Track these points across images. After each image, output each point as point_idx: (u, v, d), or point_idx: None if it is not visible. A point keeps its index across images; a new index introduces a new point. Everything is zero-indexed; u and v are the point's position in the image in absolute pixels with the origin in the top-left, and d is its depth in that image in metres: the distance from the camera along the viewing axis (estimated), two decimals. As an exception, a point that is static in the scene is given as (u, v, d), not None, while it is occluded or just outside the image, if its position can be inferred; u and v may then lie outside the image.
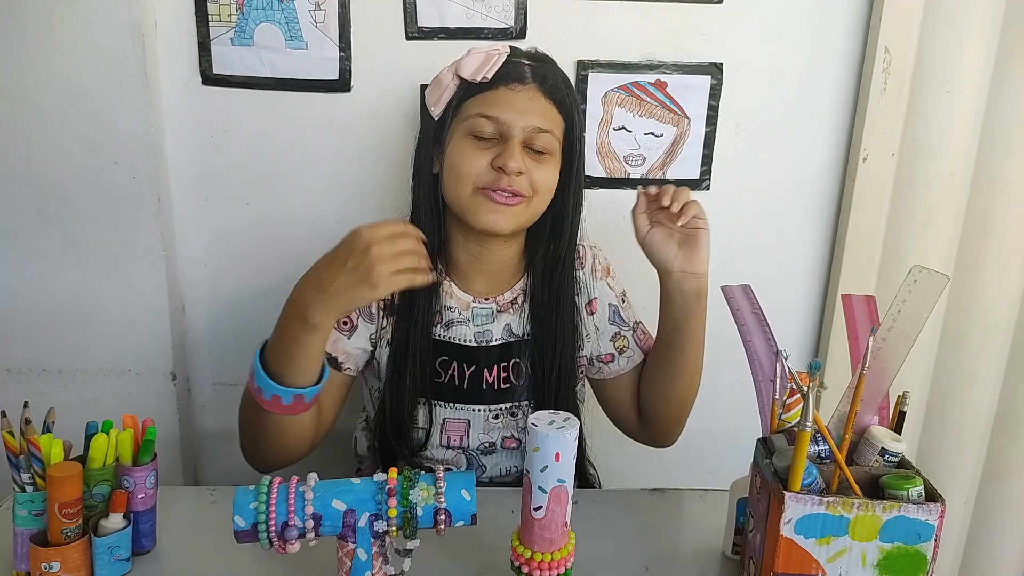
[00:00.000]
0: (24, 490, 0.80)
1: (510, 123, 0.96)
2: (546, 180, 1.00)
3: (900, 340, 0.77)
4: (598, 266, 1.13)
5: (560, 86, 1.01)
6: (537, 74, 0.99)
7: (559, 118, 1.01)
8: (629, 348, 1.13)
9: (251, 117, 1.27)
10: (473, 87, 0.98)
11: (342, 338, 1.03)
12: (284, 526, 0.71)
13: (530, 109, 0.97)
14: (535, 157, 0.99)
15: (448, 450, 1.08)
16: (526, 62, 1.00)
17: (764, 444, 0.80)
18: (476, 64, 0.98)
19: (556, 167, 1.02)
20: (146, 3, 1.19)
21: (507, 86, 0.97)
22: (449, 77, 1.00)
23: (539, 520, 0.73)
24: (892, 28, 1.25)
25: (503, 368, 1.07)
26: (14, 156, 1.21)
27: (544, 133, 0.98)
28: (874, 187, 1.32)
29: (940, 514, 0.71)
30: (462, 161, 0.98)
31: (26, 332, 1.29)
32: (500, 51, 0.99)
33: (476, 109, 0.98)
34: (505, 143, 0.97)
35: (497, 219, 0.98)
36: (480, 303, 1.08)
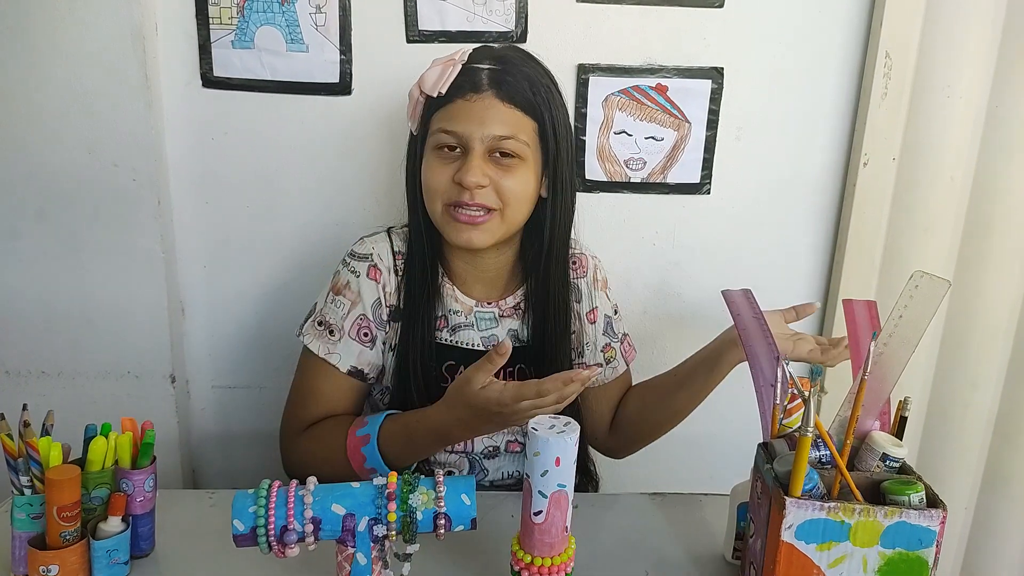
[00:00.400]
0: (23, 493, 0.80)
1: (468, 135, 0.94)
2: (516, 188, 0.97)
3: (901, 345, 0.77)
4: (599, 276, 1.14)
5: (522, 87, 0.96)
6: (494, 80, 0.96)
7: (526, 120, 0.97)
8: (616, 359, 1.15)
9: (251, 120, 1.27)
10: (435, 101, 0.97)
11: (365, 350, 1.03)
12: (283, 530, 0.71)
13: (487, 118, 0.94)
14: (503, 165, 0.96)
15: (451, 454, 1.08)
16: (484, 67, 0.96)
17: (765, 449, 0.80)
18: (433, 78, 0.96)
19: (529, 172, 0.98)
20: (147, 5, 1.19)
21: (463, 97, 0.95)
22: (416, 92, 0.99)
23: (539, 525, 0.73)
24: (893, 33, 1.25)
25: (508, 374, 1.07)
26: (15, 158, 1.21)
27: (507, 139, 0.95)
28: (875, 191, 1.32)
29: (941, 520, 0.71)
30: (429, 177, 0.98)
31: (25, 334, 1.29)
32: (455, 60, 0.96)
33: (438, 124, 0.97)
34: (466, 155, 0.96)
35: (471, 237, 0.98)
36: (482, 307, 1.08)
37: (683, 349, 1.39)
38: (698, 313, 1.39)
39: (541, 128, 0.98)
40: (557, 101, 1.01)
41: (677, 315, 1.41)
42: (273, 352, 1.35)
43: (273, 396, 1.38)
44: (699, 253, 1.38)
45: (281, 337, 1.20)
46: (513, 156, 0.96)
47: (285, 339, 1.17)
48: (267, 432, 1.42)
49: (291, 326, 1.13)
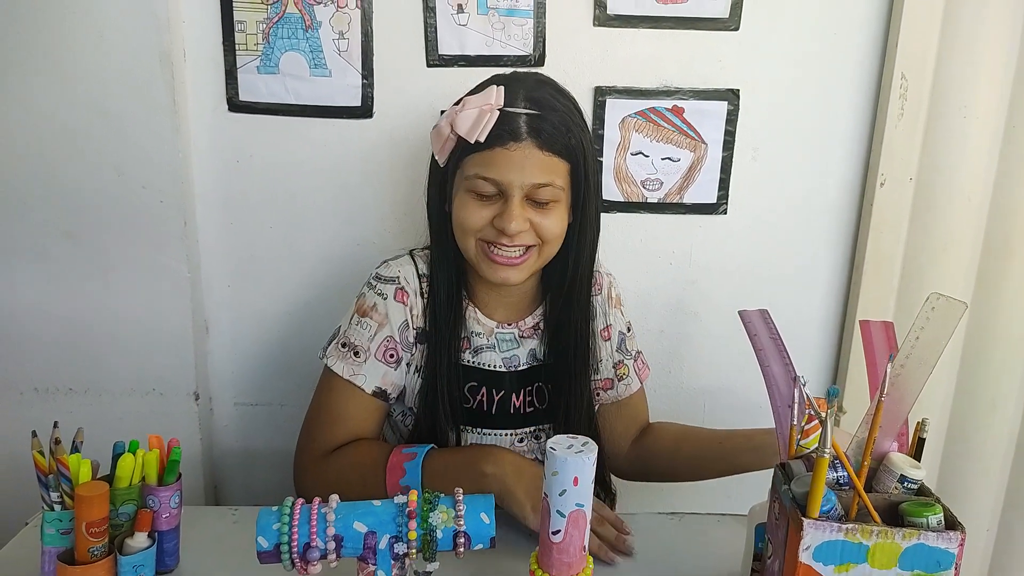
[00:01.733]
0: (52, 509, 0.81)
1: (508, 182, 0.96)
2: (553, 228, 1.00)
3: (918, 367, 0.78)
4: (613, 294, 1.15)
5: (559, 133, 0.97)
6: (532, 128, 0.96)
7: (561, 164, 0.98)
8: (628, 376, 1.16)
9: (275, 143, 1.30)
10: (470, 144, 0.96)
11: (389, 371, 1.05)
12: (306, 547, 0.72)
13: (527, 166, 0.95)
14: (540, 207, 0.98)
15: None
16: (521, 113, 0.96)
17: (783, 470, 0.80)
18: (470, 123, 0.96)
19: (563, 210, 1.01)
20: (175, 32, 1.23)
21: (503, 146, 0.95)
22: (448, 130, 0.98)
23: (557, 544, 0.74)
24: (908, 54, 1.26)
25: (528, 392, 1.09)
26: (45, 180, 1.25)
27: (545, 187, 0.97)
28: (892, 212, 1.32)
29: (960, 542, 0.70)
30: (465, 217, 0.99)
31: (53, 352, 1.32)
32: (492, 106, 0.96)
33: (474, 170, 0.97)
34: (505, 201, 0.97)
35: (508, 275, 1.00)
36: (503, 328, 1.10)
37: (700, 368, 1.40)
38: (715, 332, 1.39)
39: (575, 169, 1.00)
40: (587, 138, 1.02)
41: (694, 334, 1.41)
42: (295, 370, 1.38)
43: (294, 414, 1.39)
44: (716, 273, 1.39)
45: (303, 355, 1.22)
46: (548, 202, 0.98)
47: (307, 357, 1.19)
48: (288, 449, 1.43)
49: (313, 344, 1.16)
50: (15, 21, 1.18)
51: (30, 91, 1.21)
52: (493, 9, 1.25)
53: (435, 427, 1.04)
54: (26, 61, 1.20)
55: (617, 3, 1.25)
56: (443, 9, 1.24)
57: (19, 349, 1.31)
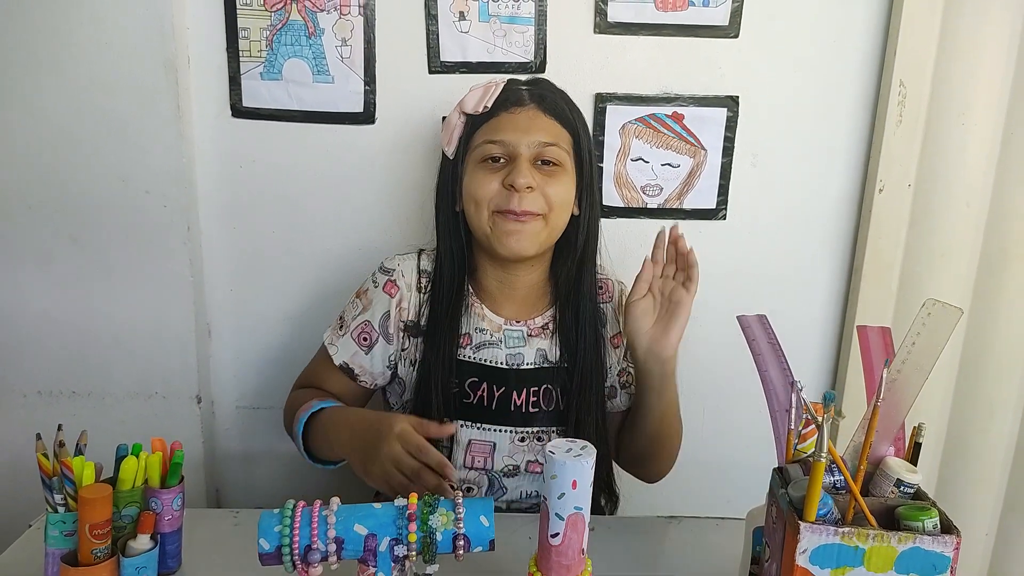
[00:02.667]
0: (56, 511, 0.82)
1: (515, 142, 1.01)
2: (560, 193, 1.03)
3: (914, 372, 0.78)
4: (622, 301, 1.15)
5: (559, 103, 1.05)
6: (534, 95, 1.04)
7: (564, 132, 1.05)
8: (632, 385, 1.15)
9: (279, 148, 1.31)
10: (478, 119, 1.04)
11: (360, 352, 1.10)
12: (307, 549, 0.73)
13: (532, 127, 1.02)
14: (546, 172, 1.03)
15: (471, 471, 1.09)
16: (523, 86, 1.06)
17: (780, 474, 0.81)
18: (476, 97, 1.04)
19: (570, 181, 1.05)
20: (179, 39, 1.24)
21: (507, 111, 1.03)
22: (456, 116, 1.06)
23: (556, 547, 0.75)
24: (907, 61, 1.27)
25: (533, 392, 1.09)
26: (51, 185, 1.26)
27: (551, 146, 1.02)
28: (891, 218, 1.33)
29: (956, 546, 0.71)
30: (476, 187, 1.03)
31: (57, 355, 1.33)
32: (497, 82, 1.05)
33: (483, 138, 1.03)
34: (514, 162, 1.02)
35: (519, 240, 1.02)
36: (512, 325, 1.11)
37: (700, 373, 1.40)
38: (714, 337, 1.39)
39: (576, 142, 1.06)
40: (585, 123, 1.09)
41: (694, 338, 1.41)
42: (296, 373, 1.37)
43: (295, 417, 1.40)
44: (716, 278, 1.39)
45: (304, 359, 1.22)
46: (555, 164, 1.03)
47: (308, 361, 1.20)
48: (289, 452, 1.44)
49: (314, 348, 1.17)
50: (23, 28, 1.20)
51: (37, 98, 1.23)
52: (494, 16, 1.26)
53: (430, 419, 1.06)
54: (33, 68, 1.21)
55: (617, 11, 1.27)
56: (445, 16, 1.26)
57: (23, 353, 1.32)
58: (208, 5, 1.25)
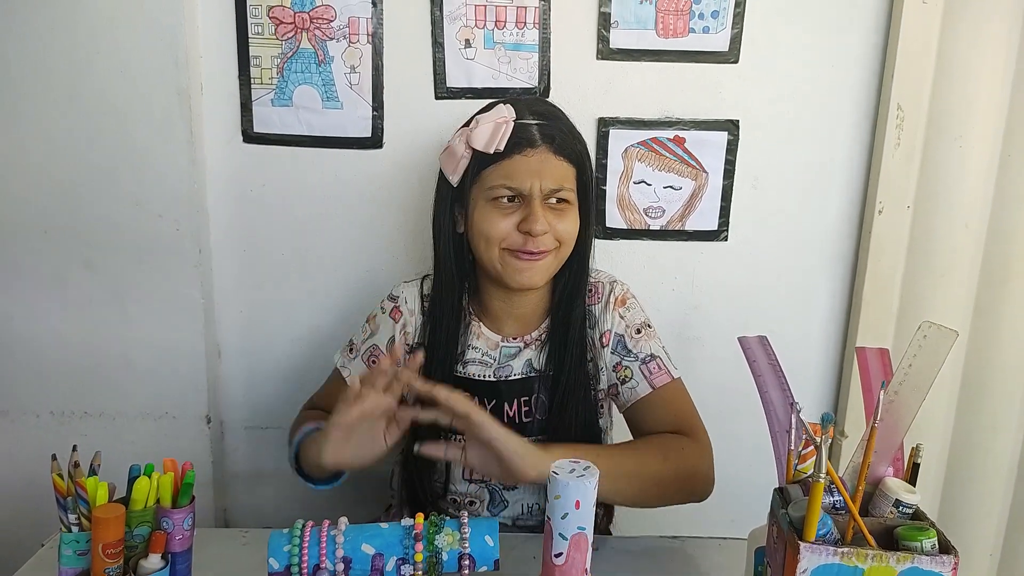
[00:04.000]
0: (70, 530, 0.83)
1: (530, 188, 1.01)
2: (569, 229, 1.05)
3: (912, 393, 0.79)
4: (612, 298, 1.14)
5: (567, 139, 1.05)
6: (546, 135, 1.03)
7: (571, 169, 1.05)
8: (633, 379, 1.11)
9: (288, 172, 1.34)
10: (487, 157, 1.02)
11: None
12: (316, 568, 0.74)
13: (544, 170, 1.02)
14: (557, 210, 1.04)
15: (471, 484, 1.11)
16: (533, 123, 1.03)
17: (780, 494, 0.82)
18: (487, 136, 1.01)
19: (575, 213, 1.07)
20: (193, 66, 1.27)
21: (520, 153, 1.01)
22: (462, 148, 1.03)
23: (560, 566, 0.76)
24: (904, 85, 1.29)
25: (524, 402, 1.11)
26: (65, 209, 1.29)
27: (560, 190, 1.03)
28: (890, 239, 1.34)
29: (954, 566, 0.72)
30: (489, 227, 1.03)
31: (70, 376, 1.35)
32: (507, 119, 1.02)
33: (496, 180, 1.02)
34: (527, 206, 1.02)
35: (531, 276, 1.04)
36: (508, 342, 1.13)
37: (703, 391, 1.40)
38: (717, 357, 1.41)
39: (580, 174, 1.07)
40: (587, 150, 1.10)
41: (696, 359, 1.43)
42: (305, 394, 1.38)
43: (303, 437, 1.42)
44: (718, 298, 1.41)
45: (313, 380, 1.24)
46: (564, 201, 1.05)
47: (316, 382, 1.22)
48: (297, 472, 1.45)
49: (323, 369, 1.19)
50: (41, 56, 1.23)
51: (53, 124, 1.26)
52: (499, 44, 1.29)
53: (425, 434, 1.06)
54: (50, 94, 1.25)
55: (619, 37, 1.29)
56: (451, 44, 1.29)
57: (37, 374, 1.35)
58: (221, 34, 1.29)
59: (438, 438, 1.09)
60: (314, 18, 1.28)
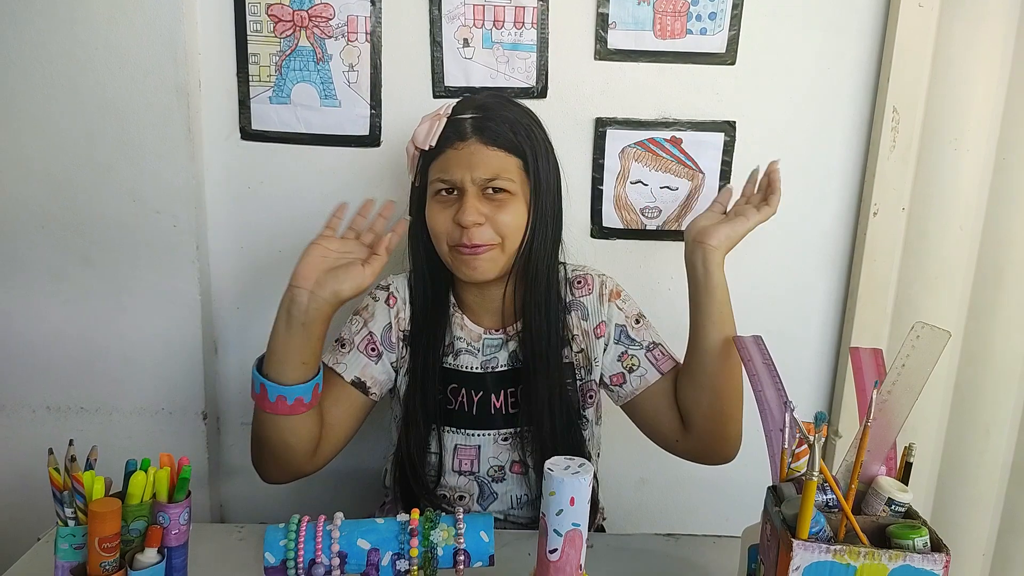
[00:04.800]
0: (67, 524, 0.84)
1: (460, 180, 1.03)
2: (510, 222, 1.05)
3: (904, 393, 0.80)
4: (605, 291, 1.15)
5: (502, 130, 1.05)
6: (476, 127, 1.05)
7: (510, 159, 1.05)
8: (640, 367, 1.12)
9: (286, 170, 1.34)
10: (429, 153, 1.07)
11: (369, 363, 1.12)
12: (311, 563, 0.75)
13: (474, 162, 1.03)
14: (496, 201, 1.04)
15: (460, 476, 1.13)
16: (466, 116, 1.06)
17: (774, 492, 0.83)
18: (423, 133, 1.06)
19: (520, 204, 1.06)
20: (191, 64, 1.27)
21: (452, 146, 1.05)
22: (412, 147, 1.09)
23: (554, 562, 0.76)
24: (900, 88, 1.30)
25: (510, 393, 1.13)
26: (63, 205, 1.29)
27: (494, 180, 1.04)
28: (885, 241, 1.35)
29: (945, 564, 0.72)
30: (433, 222, 1.07)
31: (67, 371, 1.35)
32: (441, 115, 1.06)
33: (434, 174, 1.06)
34: (461, 199, 1.04)
35: (476, 269, 1.06)
36: (491, 334, 1.14)
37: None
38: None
39: (525, 163, 1.07)
40: (538, 137, 1.09)
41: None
42: (300, 391, 1.40)
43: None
44: (714, 299, 1.42)
45: (309, 377, 1.25)
46: (503, 191, 1.05)
47: (313, 379, 1.22)
48: (293, 469, 1.45)
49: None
50: (40, 53, 1.24)
51: (52, 120, 1.26)
52: (497, 43, 1.29)
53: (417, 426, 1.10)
54: (49, 91, 1.25)
55: (617, 38, 1.30)
56: (449, 43, 1.29)
57: (34, 369, 1.35)
58: (220, 31, 1.29)
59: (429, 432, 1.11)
60: (313, 16, 1.28)
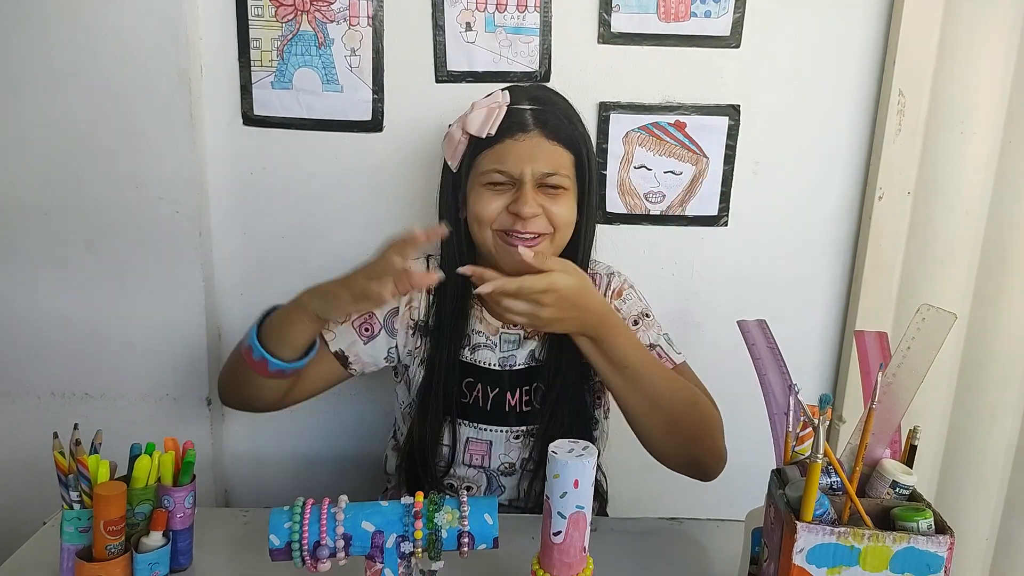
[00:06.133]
0: (72, 507, 0.84)
1: (520, 172, 1.01)
2: (563, 214, 1.04)
3: (909, 376, 0.80)
4: (610, 290, 1.14)
5: (563, 125, 1.04)
6: (538, 119, 1.03)
7: (567, 155, 1.04)
8: None
9: (288, 155, 1.34)
10: (482, 141, 1.03)
11: (359, 341, 1.12)
12: (316, 545, 0.75)
13: (536, 155, 1.01)
14: (551, 194, 1.03)
15: (470, 468, 1.12)
16: (527, 108, 1.03)
17: (778, 475, 0.83)
18: (480, 120, 1.03)
19: (571, 199, 1.06)
20: (193, 49, 1.27)
21: (512, 137, 1.02)
22: (459, 133, 1.05)
23: (558, 545, 0.76)
24: (906, 71, 1.29)
25: (525, 392, 1.12)
26: (67, 191, 1.29)
27: (553, 175, 1.02)
28: (890, 225, 1.34)
29: (949, 546, 0.72)
30: (481, 208, 1.03)
31: (71, 357, 1.35)
32: (500, 104, 1.03)
33: (488, 165, 1.03)
34: (518, 189, 1.02)
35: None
36: (508, 329, 1.13)
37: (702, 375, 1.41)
38: (717, 342, 1.41)
39: (579, 160, 1.06)
40: (587, 136, 1.09)
41: (696, 344, 1.43)
42: (304, 377, 1.40)
43: (303, 419, 1.42)
44: (718, 283, 1.42)
45: (312, 362, 1.25)
46: (559, 187, 1.03)
47: (316, 364, 1.23)
48: (297, 453, 1.47)
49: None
50: (43, 38, 1.23)
51: (54, 106, 1.26)
52: (500, 27, 1.28)
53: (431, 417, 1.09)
54: (51, 77, 1.25)
55: (621, 21, 1.29)
56: (452, 27, 1.28)
57: (38, 355, 1.35)
58: (221, 16, 1.28)
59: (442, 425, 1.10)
60: (314, 0, 1.27)
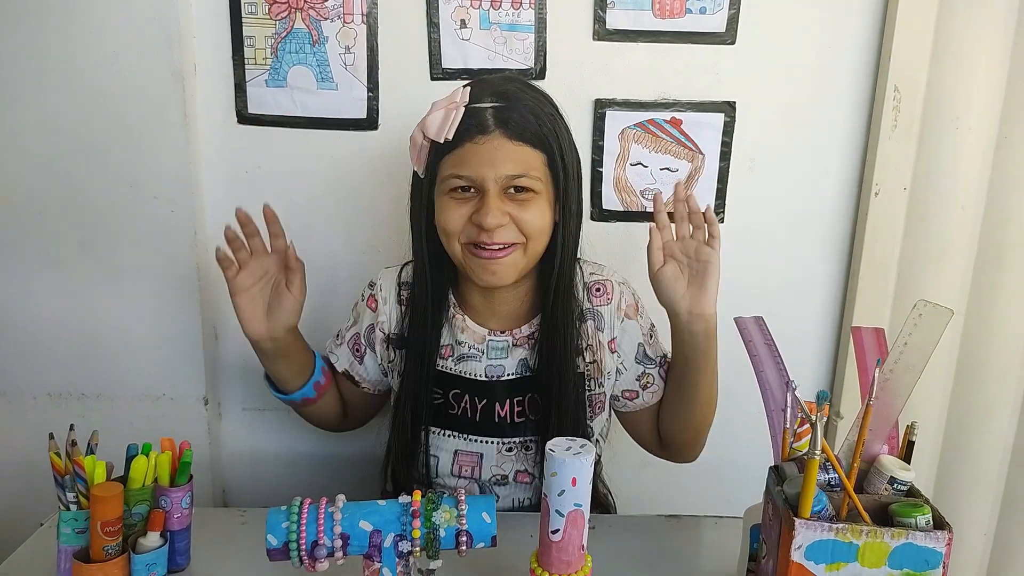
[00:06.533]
0: (68, 508, 0.84)
1: (482, 177, 0.94)
2: (534, 221, 0.97)
3: (907, 372, 0.80)
4: (624, 304, 1.10)
5: (528, 122, 0.96)
6: (499, 119, 0.95)
7: (535, 154, 0.97)
8: (653, 384, 1.11)
9: (283, 154, 1.33)
10: (442, 146, 0.96)
11: (354, 361, 1.15)
12: (314, 545, 0.75)
13: (498, 158, 0.94)
14: (519, 200, 0.97)
15: (459, 479, 1.10)
16: (487, 106, 0.95)
17: (776, 472, 0.83)
18: (437, 123, 0.96)
19: (544, 202, 0.99)
20: (187, 47, 1.26)
21: (472, 140, 0.94)
22: (420, 136, 0.98)
23: (556, 542, 0.76)
24: (901, 67, 1.29)
25: (517, 402, 1.08)
26: (61, 190, 1.28)
27: (520, 178, 0.95)
28: (886, 221, 1.34)
29: (947, 541, 0.73)
30: (446, 220, 0.98)
31: (67, 358, 1.35)
32: (458, 104, 0.95)
33: (448, 170, 0.97)
34: (481, 197, 0.96)
35: (496, 274, 0.99)
36: (495, 336, 1.09)
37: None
38: (713, 339, 1.41)
39: (551, 159, 0.99)
40: (562, 127, 1.01)
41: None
42: (301, 376, 1.40)
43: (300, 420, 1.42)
44: (714, 280, 1.41)
45: (309, 361, 1.25)
46: (528, 190, 0.97)
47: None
48: (295, 453, 1.46)
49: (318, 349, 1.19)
50: (35, 37, 1.22)
51: (48, 105, 1.25)
52: (495, 24, 1.28)
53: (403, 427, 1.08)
54: (44, 76, 1.24)
55: (616, 18, 1.29)
56: (446, 24, 1.28)
57: (34, 355, 1.34)
58: (215, 14, 1.27)
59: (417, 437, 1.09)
60: (309, -2, 1.27)
